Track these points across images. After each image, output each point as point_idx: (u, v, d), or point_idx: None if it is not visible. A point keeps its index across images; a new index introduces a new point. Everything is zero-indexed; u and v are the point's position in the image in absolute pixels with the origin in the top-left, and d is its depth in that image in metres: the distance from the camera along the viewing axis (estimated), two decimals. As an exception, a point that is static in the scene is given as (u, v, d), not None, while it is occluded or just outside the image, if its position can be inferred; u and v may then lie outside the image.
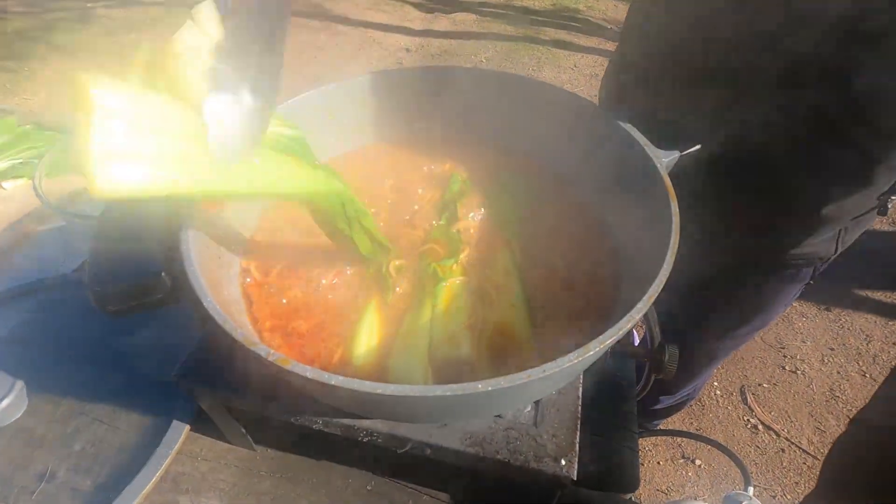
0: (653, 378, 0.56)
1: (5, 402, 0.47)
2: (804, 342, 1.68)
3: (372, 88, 0.53)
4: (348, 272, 0.44)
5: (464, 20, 3.75)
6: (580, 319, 0.40)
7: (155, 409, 0.50)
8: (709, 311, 0.86)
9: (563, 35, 3.54)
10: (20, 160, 0.75)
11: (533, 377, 0.28)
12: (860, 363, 1.62)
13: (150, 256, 0.33)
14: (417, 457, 0.41)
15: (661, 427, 1.32)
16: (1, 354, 0.54)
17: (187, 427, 0.50)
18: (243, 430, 0.47)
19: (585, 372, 0.44)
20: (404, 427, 0.39)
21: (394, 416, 0.37)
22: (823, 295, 1.79)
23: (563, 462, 0.37)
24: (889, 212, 0.60)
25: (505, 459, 0.37)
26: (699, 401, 1.53)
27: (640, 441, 1.41)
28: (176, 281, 0.33)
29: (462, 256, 0.43)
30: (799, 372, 1.59)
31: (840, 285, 1.80)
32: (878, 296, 1.82)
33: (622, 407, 0.49)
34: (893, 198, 0.58)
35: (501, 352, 0.38)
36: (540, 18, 3.75)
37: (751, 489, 0.93)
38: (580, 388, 0.46)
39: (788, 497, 1.32)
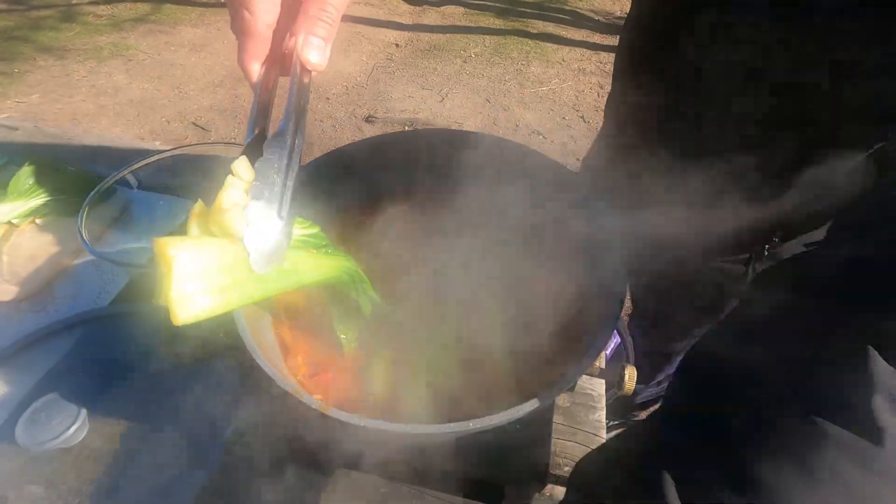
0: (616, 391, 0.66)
1: (73, 427, 0.56)
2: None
3: (371, 150, 0.60)
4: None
5: (452, 13, 3.77)
6: (553, 359, 0.49)
7: (197, 426, 0.59)
8: (663, 317, 0.96)
9: (550, 28, 3.58)
10: (50, 197, 0.82)
11: (506, 418, 0.37)
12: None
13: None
14: (424, 466, 0.50)
15: (644, 417, 1.43)
16: (61, 384, 0.62)
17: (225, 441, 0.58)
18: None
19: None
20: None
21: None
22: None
23: (542, 468, 0.46)
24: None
25: (496, 467, 0.46)
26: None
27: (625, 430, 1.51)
28: (227, 337, 0.42)
29: (453, 304, 0.52)
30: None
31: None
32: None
33: (591, 416, 0.58)
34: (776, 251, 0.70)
35: (485, 382, 0.47)
36: (528, 10, 3.78)
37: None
38: (554, 405, 0.55)
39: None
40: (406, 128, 2.75)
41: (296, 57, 0.37)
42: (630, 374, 0.57)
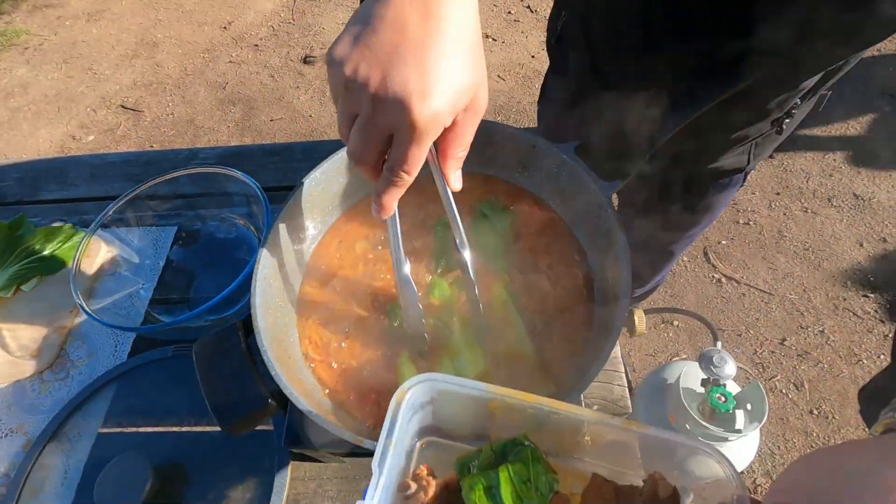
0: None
1: (148, 485, 0.59)
2: (753, 194, 1.87)
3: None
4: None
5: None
6: (572, 331, 0.52)
7: (258, 455, 0.63)
8: (665, 220, 1.00)
9: None
10: (25, 261, 0.79)
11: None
12: (802, 201, 1.83)
13: (255, 388, 0.43)
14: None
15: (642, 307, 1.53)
16: (115, 441, 0.66)
17: (289, 460, 0.63)
18: (332, 454, 0.61)
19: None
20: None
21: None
22: (766, 144, 1.94)
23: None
24: (784, 131, 0.72)
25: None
26: (671, 270, 1.74)
27: (627, 320, 1.63)
28: (275, 397, 0.44)
29: (461, 303, 0.54)
30: (751, 223, 1.80)
31: (780, 131, 1.95)
32: (815, 132, 1.99)
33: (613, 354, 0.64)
34: (787, 120, 0.70)
35: (515, 373, 0.50)
36: None
37: (719, 343, 1.15)
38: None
39: (751, 332, 1.58)
40: (349, 60, 2.57)
41: (446, 186, 0.42)
42: (640, 317, 0.61)
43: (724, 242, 1.76)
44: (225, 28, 2.84)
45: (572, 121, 0.78)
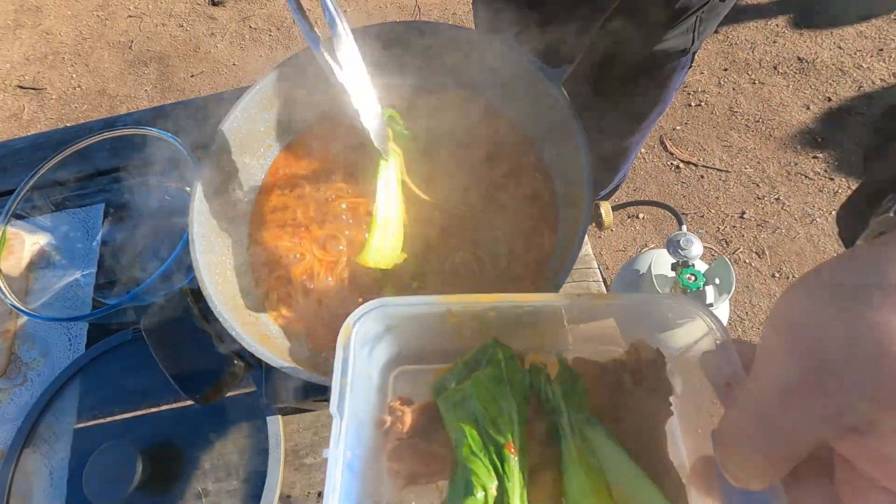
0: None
1: (139, 471, 0.58)
2: (702, 73, 1.84)
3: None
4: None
5: None
6: (538, 236, 0.50)
7: (248, 416, 0.62)
8: (617, 114, 0.97)
9: None
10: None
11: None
12: (750, 73, 1.82)
13: (215, 352, 0.40)
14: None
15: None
16: (92, 433, 0.63)
17: (279, 416, 0.62)
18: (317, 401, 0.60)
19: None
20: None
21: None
22: (710, 19, 1.89)
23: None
24: None
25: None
26: (631, 165, 1.74)
27: (594, 221, 1.64)
28: (242, 357, 0.41)
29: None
30: (702, 104, 1.79)
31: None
32: (756, -2, 1.94)
33: (581, 253, 0.63)
34: None
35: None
36: None
37: (684, 227, 1.17)
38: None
39: (712, 211, 1.62)
40: (262, -5, 2.33)
41: None
42: (606, 209, 0.60)
43: (678, 128, 1.76)
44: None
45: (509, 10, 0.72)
